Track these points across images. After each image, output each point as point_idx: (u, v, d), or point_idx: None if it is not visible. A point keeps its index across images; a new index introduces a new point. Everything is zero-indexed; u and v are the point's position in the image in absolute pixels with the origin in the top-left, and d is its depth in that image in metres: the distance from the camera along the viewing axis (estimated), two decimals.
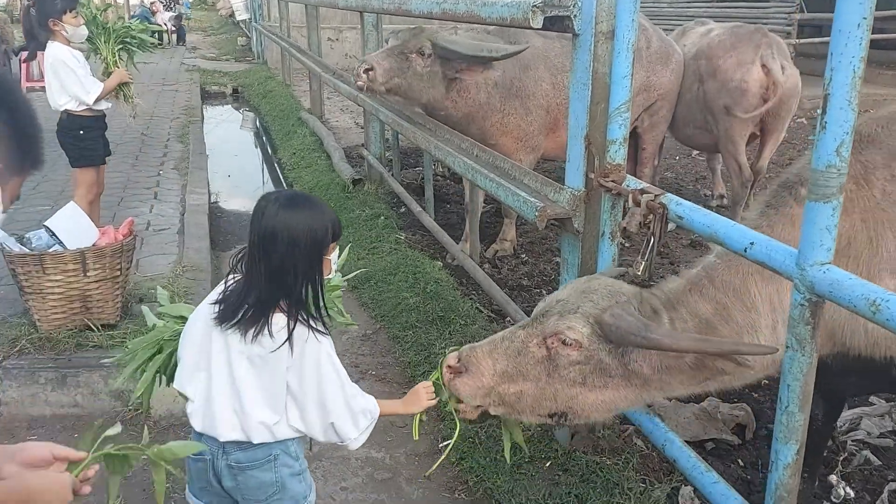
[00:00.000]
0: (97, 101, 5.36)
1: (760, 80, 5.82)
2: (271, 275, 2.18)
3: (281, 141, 10.60)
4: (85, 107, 5.35)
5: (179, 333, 2.44)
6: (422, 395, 2.52)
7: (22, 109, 1.91)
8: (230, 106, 15.20)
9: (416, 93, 5.01)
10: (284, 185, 9.06)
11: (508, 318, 4.63)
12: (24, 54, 9.13)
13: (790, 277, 2.10)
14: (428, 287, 5.21)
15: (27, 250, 4.33)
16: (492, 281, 4.89)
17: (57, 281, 4.22)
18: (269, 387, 2.25)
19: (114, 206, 7.17)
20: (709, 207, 7.17)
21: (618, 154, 3.06)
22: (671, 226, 2.75)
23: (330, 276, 2.45)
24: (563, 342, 2.36)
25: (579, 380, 2.39)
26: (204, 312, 2.32)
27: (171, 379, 2.47)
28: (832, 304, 2.03)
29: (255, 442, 2.27)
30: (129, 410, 4.11)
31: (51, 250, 4.31)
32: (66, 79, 5.19)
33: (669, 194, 2.78)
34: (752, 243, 2.25)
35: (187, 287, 5.18)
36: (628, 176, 3.07)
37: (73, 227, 4.41)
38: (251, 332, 2.19)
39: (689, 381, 2.42)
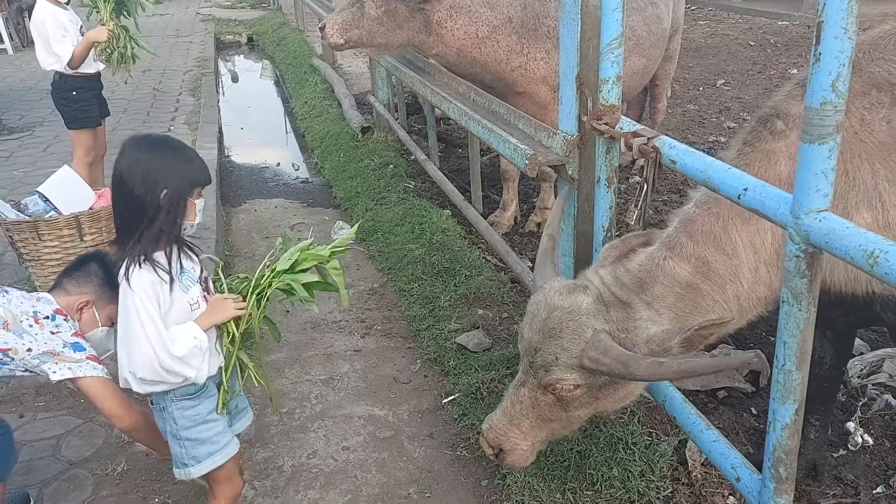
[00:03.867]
0: (73, 65, 5.19)
1: None
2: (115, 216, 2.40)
3: (294, 90, 10.41)
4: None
5: None
6: (228, 304, 2.52)
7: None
8: (245, 55, 14.97)
9: (385, 38, 4.58)
10: (296, 135, 8.94)
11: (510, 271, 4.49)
12: None
13: (784, 226, 1.92)
14: (434, 238, 5.08)
15: (24, 217, 4.29)
16: (493, 231, 4.72)
17: (53, 247, 4.18)
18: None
19: None
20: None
21: (611, 94, 2.85)
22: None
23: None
24: (562, 389, 2.39)
25: (593, 399, 2.45)
26: None
27: None
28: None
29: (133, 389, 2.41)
30: None
31: (47, 216, 4.26)
32: (52, 39, 5.05)
33: (663, 137, 2.58)
34: (745, 189, 2.07)
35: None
36: (622, 117, 2.86)
37: (67, 191, 4.35)
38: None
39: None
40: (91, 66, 5.31)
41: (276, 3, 18.42)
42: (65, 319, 2.68)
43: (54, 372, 2.57)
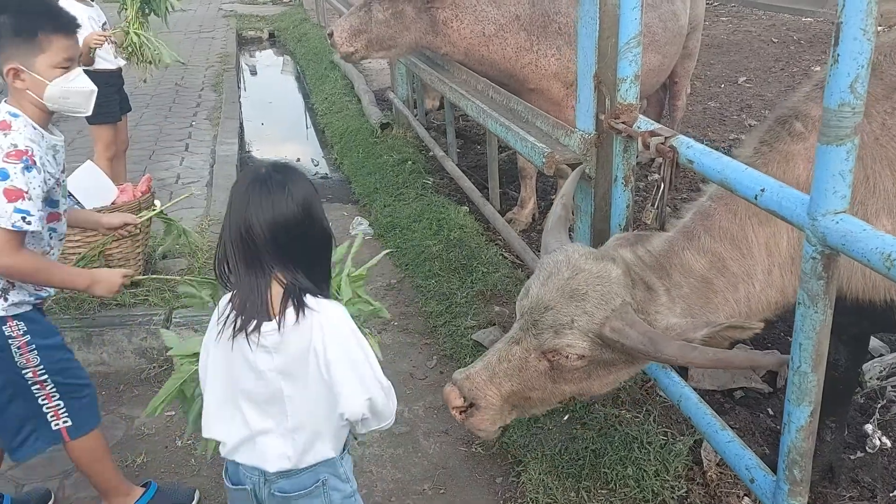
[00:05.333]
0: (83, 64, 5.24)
1: None
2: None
3: (314, 85, 10.45)
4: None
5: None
6: None
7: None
8: (266, 51, 15.06)
9: (392, 41, 4.62)
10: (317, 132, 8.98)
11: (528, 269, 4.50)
12: None
13: (801, 227, 1.92)
14: (451, 234, 5.09)
15: None
16: (511, 228, 4.73)
17: (76, 240, 4.23)
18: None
19: (144, 159, 7.19)
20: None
21: (629, 93, 2.85)
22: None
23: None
24: (565, 356, 2.26)
25: (585, 377, 2.33)
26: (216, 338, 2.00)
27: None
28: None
29: (310, 464, 2.03)
30: (154, 367, 4.16)
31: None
32: None
33: (681, 136, 2.57)
34: (762, 190, 2.06)
35: (213, 242, 5.17)
36: (640, 116, 2.86)
37: (90, 185, 4.39)
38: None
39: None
40: (112, 63, 5.36)
41: None
42: (3, 134, 2.36)
43: None
